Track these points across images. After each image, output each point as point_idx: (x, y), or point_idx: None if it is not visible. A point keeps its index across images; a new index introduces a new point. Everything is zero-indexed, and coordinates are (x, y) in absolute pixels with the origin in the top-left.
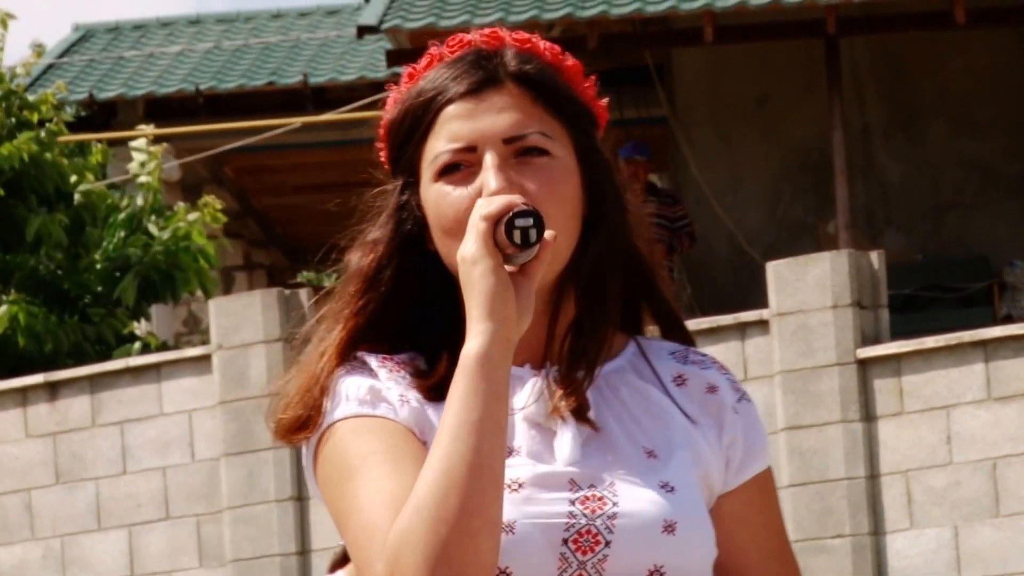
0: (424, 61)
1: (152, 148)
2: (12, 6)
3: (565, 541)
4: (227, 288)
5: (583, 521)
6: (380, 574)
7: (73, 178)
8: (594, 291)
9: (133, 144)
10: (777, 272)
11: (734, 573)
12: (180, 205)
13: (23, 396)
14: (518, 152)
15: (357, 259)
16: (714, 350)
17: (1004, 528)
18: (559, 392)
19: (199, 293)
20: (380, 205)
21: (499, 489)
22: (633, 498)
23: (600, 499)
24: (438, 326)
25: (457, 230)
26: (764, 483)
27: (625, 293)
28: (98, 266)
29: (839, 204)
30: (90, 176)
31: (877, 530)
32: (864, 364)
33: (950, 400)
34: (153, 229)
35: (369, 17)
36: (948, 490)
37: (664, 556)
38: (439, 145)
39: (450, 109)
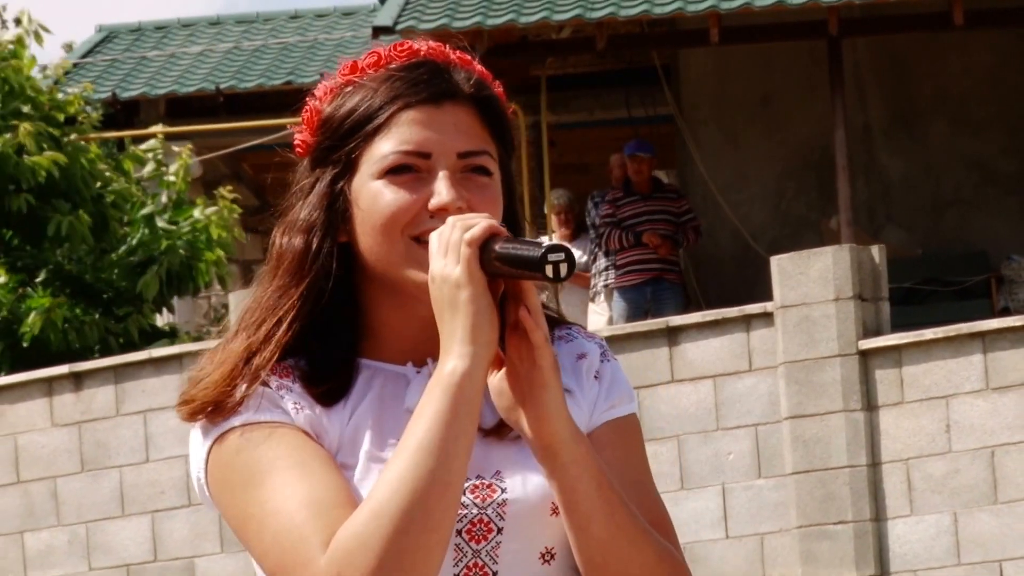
0: (370, 58)
1: (176, 148)
2: (39, 9)
3: (459, 532)
4: (247, 282)
5: (475, 511)
6: (323, 571)
7: (98, 184)
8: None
9: (145, 145)
10: (781, 266)
11: None
12: (199, 200)
13: (49, 386)
14: (466, 168)
15: (288, 241)
16: (719, 342)
17: (1002, 515)
18: None
19: (217, 286)
20: (303, 186)
21: (457, 507)
22: (520, 483)
23: (489, 487)
24: (330, 325)
25: (390, 229)
26: (623, 427)
27: None
28: (121, 261)
29: (841, 201)
30: (120, 178)
31: (878, 516)
32: (865, 355)
33: (949, 390)
34: (163, 224)
35: (384, 18)
36: (947, 478)
37: (554, 538)
38: (390, 146)
39: (407, 114)
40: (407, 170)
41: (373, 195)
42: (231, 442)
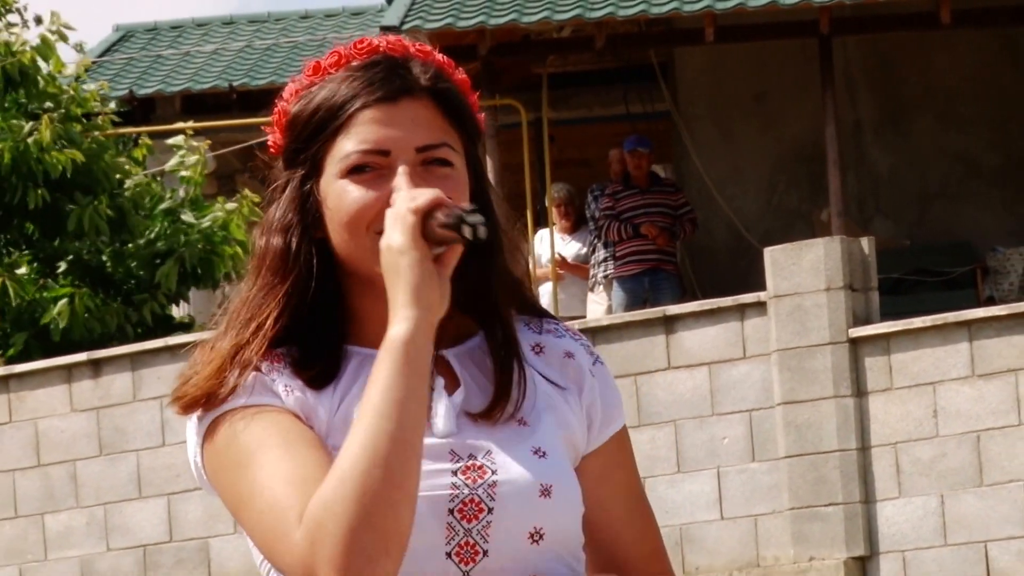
0: (332, 58)
1: (195, 143)
2: (58, 9)
3: (451, 511)
4: None
5: (466, 491)
6: (299, 542)
7: (118, 175)
8: (479, 284)
9: (171, 141)
10: (774, 257)
11: (600, 526)
12: (220, 199)
13: (68, 373)
14: (425, 161)
15: (267, 241)
16: (714, 330)
17: (987, 497)
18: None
19: (234, 278)
20: (278, 186)
21: (419, 464)
22: (510, 465)
23: (480, 468)
24: (316, 316)
25: (355, 226)
26: (621, 440)
27: (509, 286)
28: (141, 252)
29: (832, 194)
30: (136, 169)
31: (868, 499)
32: (855, 343)
33: (936, 377)
34: (188, 218)
35: (391, 18)
36: (934, 461)
37: (542, 518)
38: (350, 145)
39: (366, 113)
40: (368, 168)
41: (338, 194)
42: (223, 427)
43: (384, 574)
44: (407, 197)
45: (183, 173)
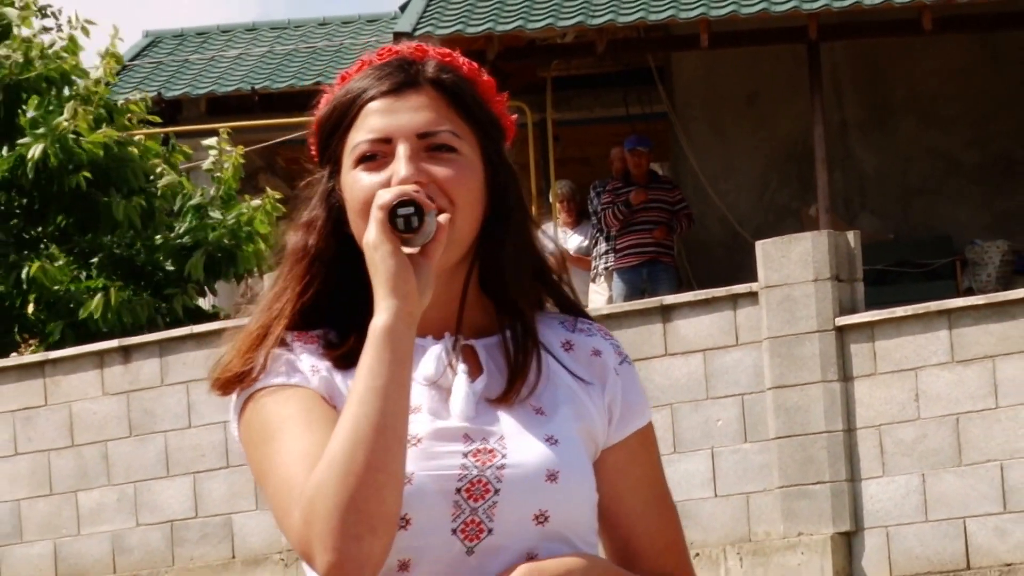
0: (356, 66)
1: (228, 148)
2: (89, 15)
3: (458, 490)
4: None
5: (474, 472)
6: (296, 519)
7: (158, 170)
8: (495, 275)
9: (206, 142)
10: (765, 250)
11: (617, 519)
12: (247, 196)
13: (100, 359)
14: (430, 147)
15: (296, 238)
16: (709, 319)
17: (966, 476)
18: (454, 357)
19: (255, 272)
20: (310, 193)
21: (402, 447)
22: (520, 450)
23: (490, 452)
24: (349, 303)
25: (365, 212)
26: (644, 438)
27: (526, 279)
28: (169, 245)
29: (820, 190)
30: (170, 169)
31: (853, 477)
32: (842, 331)
33: (918, 363)
34: (216, 215)
35: (404, 25)
36: (916, 442)
37: (548, 502)
38: (359, 136)
39: (372, 105)
40: (377, 157)
41: (351, 184)
42: (253, 405)
43: (371, 551)
44: (380, 194)
45: (217, 174)
